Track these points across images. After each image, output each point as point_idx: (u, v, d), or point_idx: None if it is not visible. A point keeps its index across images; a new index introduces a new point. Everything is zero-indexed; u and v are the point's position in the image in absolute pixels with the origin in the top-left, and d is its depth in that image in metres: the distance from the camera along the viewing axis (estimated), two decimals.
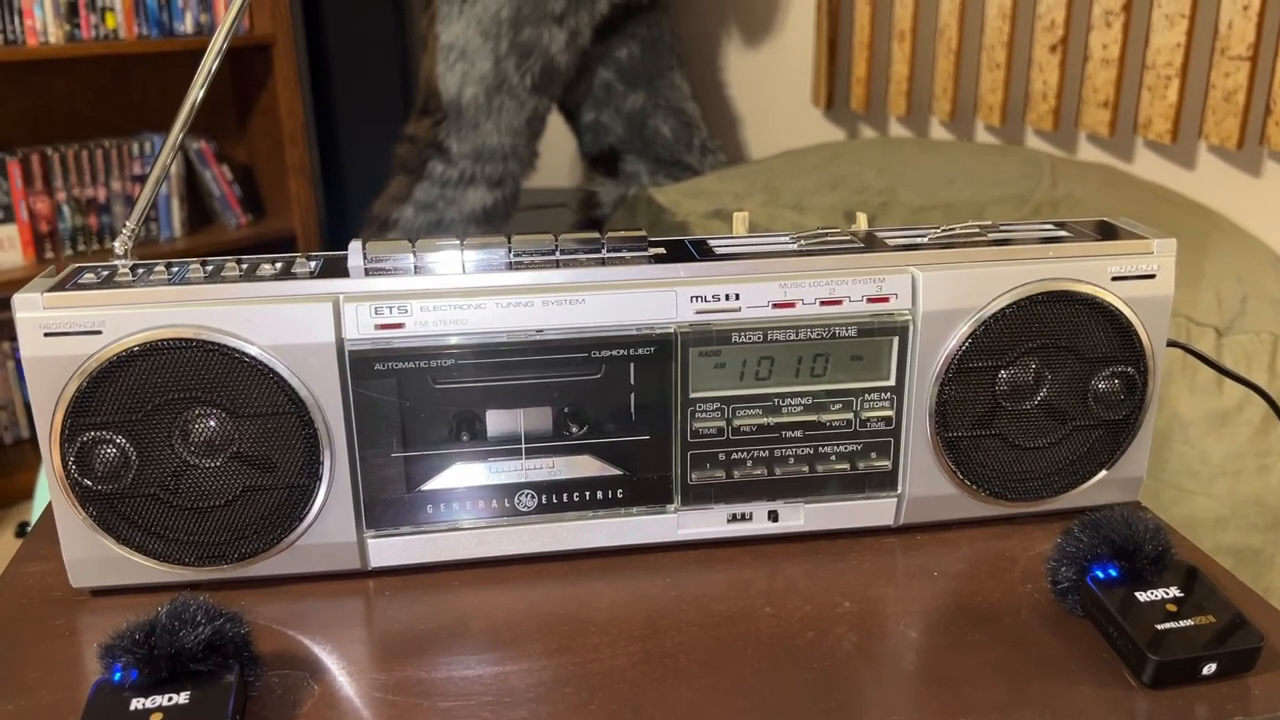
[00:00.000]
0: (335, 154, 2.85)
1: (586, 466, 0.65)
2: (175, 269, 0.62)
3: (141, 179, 2.48)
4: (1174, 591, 0.58)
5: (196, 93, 0.64)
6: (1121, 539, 0.59)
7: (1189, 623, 0.56)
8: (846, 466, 0.67)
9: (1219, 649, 0.54)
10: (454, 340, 0.61)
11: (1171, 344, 0.69)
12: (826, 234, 0.67)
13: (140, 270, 0.62)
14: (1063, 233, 0.68)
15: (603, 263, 0.63)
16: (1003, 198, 1.57)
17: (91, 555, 0.62)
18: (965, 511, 0.69)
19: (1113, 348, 0.66)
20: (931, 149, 1.86)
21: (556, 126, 2.33)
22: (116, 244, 0.64)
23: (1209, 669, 0.54)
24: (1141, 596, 0.57)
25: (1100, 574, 0.59)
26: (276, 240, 2.61)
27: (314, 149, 2.76)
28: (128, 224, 0.64)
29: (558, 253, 0.64)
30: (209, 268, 0.62)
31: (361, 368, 0.61)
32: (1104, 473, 0.69)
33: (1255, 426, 1.32)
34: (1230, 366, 0.75)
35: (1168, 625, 0.55)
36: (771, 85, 2.46)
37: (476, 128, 2.12)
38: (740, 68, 2.53)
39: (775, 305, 0.63)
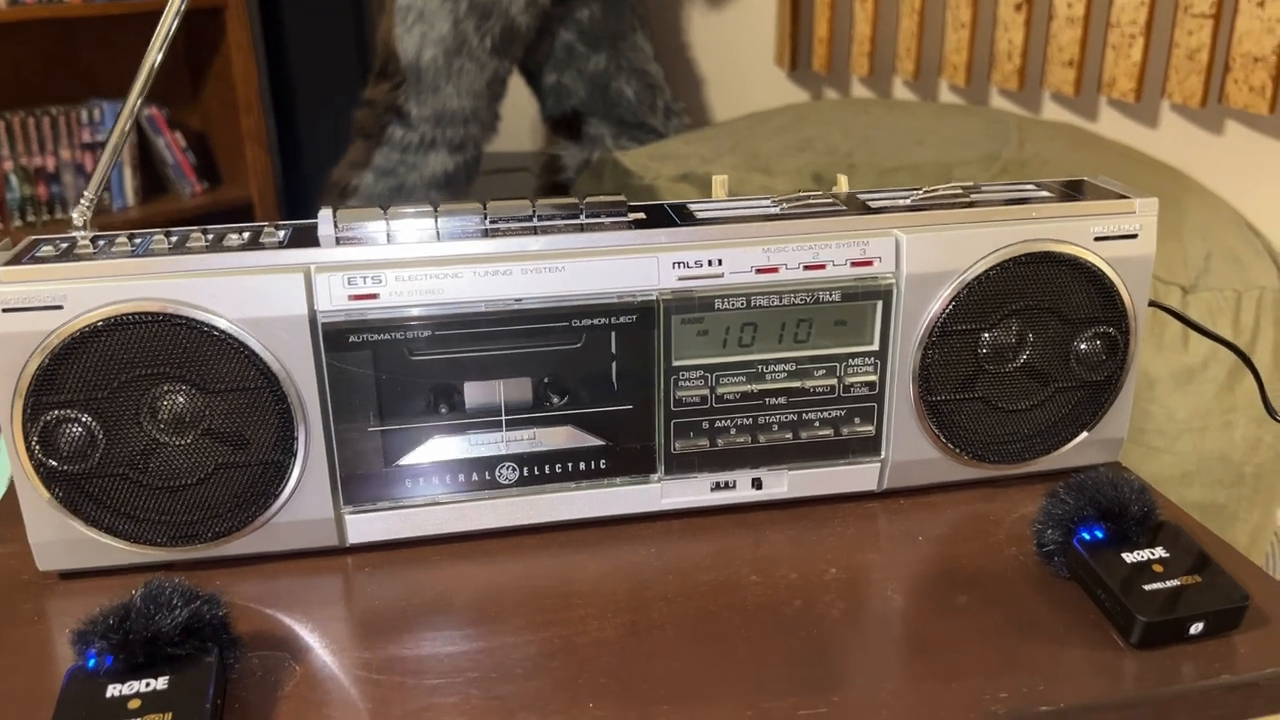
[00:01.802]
0: (291, 119, 2.79)
1: (568, 437, 0.64)
2: (138, 240, 0.60)
3: (92, 147, 2.42)
4: (1159, 552, 0.58)
5: (154, 56, 0.61)
6: (1107, 501, 0.59)
7: (1175, 583, 0.56)
8: (830, 432, 0.66)
9: (1205, 608, 0.55)
10: (430, 311, 0.59)
11: (1152, 304, 0.69)
12: (808, 197, 0.66)
13: (101, 242, 0.59)
14: (1044, 193, 0.68)
15: (581, 229, 0.62)
16: (970, 159, 1.56)
17: (59, 538, 0.60)
18: (947, 475, 0.69)
19: (1095, 308, 0.66)
20: (897, 109, 1.85)
21: (517, 89, 2.29)
22: (75, 214, 0.61)
23: (1196, 628, 0.55)
24: (1128, 558, 0.57)
25: (1086, 536, 0.59)
26: (233, 208, 2.56)
27: (269, 114, 2.70)
28: (85, 194, 0.62)
29: (535, 219, 0.62)
30: (173, 239, 0.60)
31: (335, 340, 0.59)
32: (1085, 434, 0.69)
33: (1220, 383, 1.33)
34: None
35: (1154, 586, 0.56)
36: (734, 46, 2.44)
37: (436, 91, 2.08)
38: (702, 29, 2.51)
39: (758, 270, 0.62)
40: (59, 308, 0.56)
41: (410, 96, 2.09)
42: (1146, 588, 0.55)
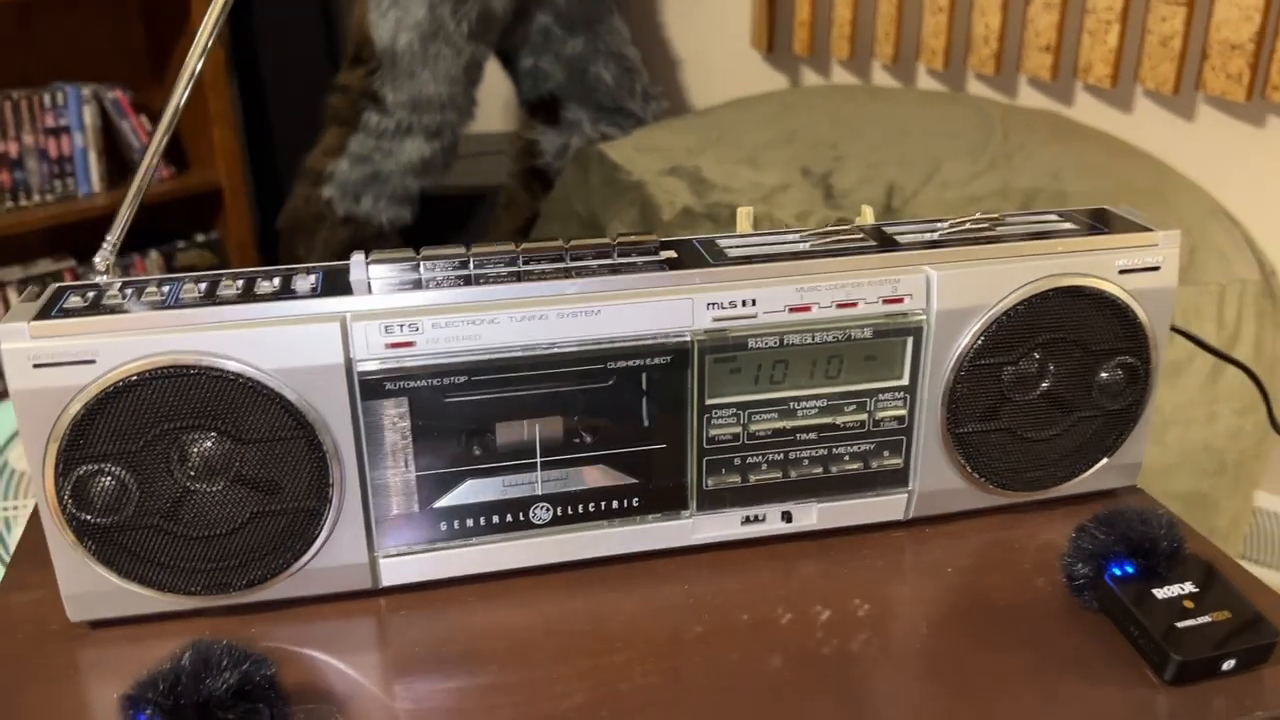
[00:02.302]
0: (260, 101, 2.73)
1: (601, 476, 0.64)
2: (167, 288, 0.59)
3: (56, 132, 2.36)
4: (1189, 587, 0.59)
5: (194, 65, 0.60)
6: (1137, 536, 0.60)
7: (1207, 619, 0.57)
8: (859, 466, 0.67)
9: (1237, 645, 0.56)
10: (467, 358, 0.59)
11: (1174, 330, 0.70)
12: (836, 231, 0.66)
13: (130, 290, 0.58)
14: (1067, 224, 0.68)
15: (614, 270, 0.62)
16: (958, 150, 1.57)
17: (91, 589, 0.59)
18: (972, 503, 0.70)
19: (1118, 339, 0.66)
20: (881, 98, 1.85)
21: (491, 71, 2.27)
22: (98, 260, 0.60)
23: (1228, 665, 0.56)
24: (1159, 594, 0.58)
25: (1117, 571, 0.60)
26: (202, 193, 2.52)
27: (236, 96, 2.64)
28: (107, 239, 0.60)
29: (567, 259, 0.62)
30: (203, 286, 0.59)
31: (372, 389, 0.58)
32: (1105, 460, 0.70)
33: (1204, 376, 1.36)
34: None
35: (1186, 623, 0.57)
36: (710, 29, 2.42)
37: (412, 76, 2.05)
38: (677, 11, 2.48)
39: (791, 309, 0.62)
40: (91, 362, 0.55)
41: (386, 82, 2.06)
42: (1179, 625, 0.57)
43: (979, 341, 0.64)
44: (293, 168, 2.28)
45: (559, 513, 0.64)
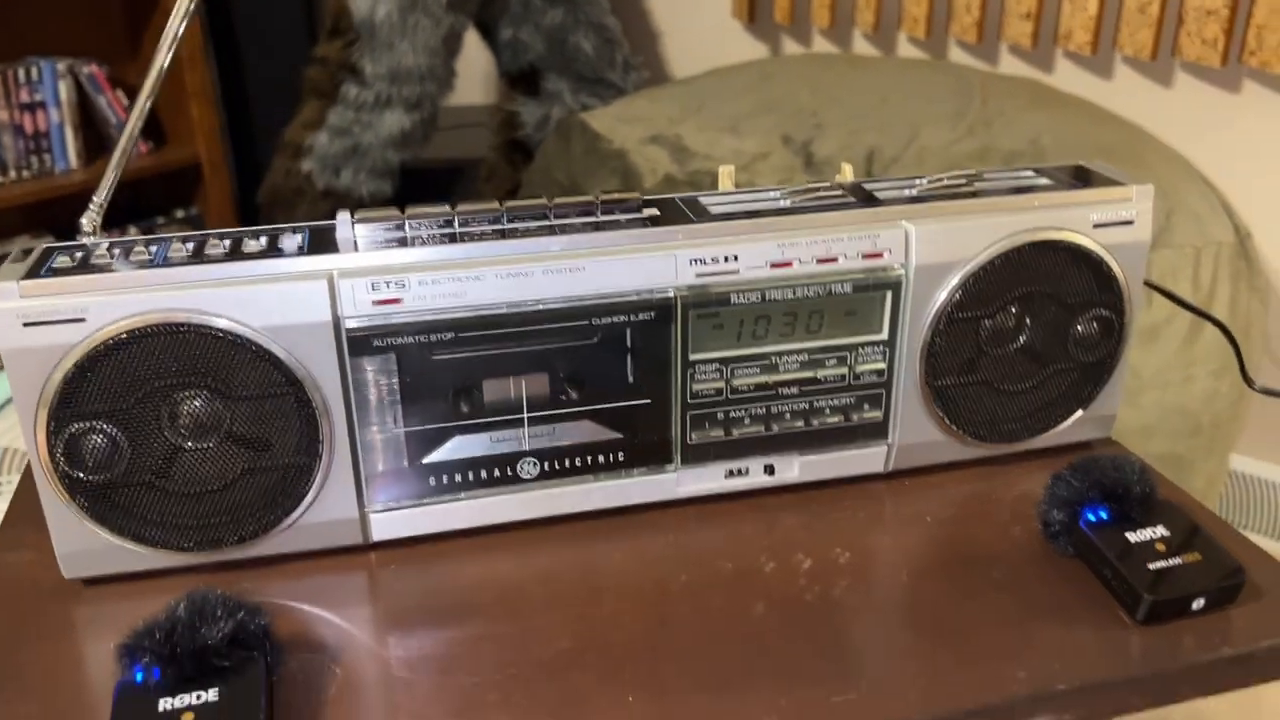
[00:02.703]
0: (238, 76, 2.71)
1: (586, 431, 0.65)
2: (155, 248, 0.59)
3: (31, 107, 2.34)
4: (1160, 530, 0.61)
5: (164, 57, 0.60)
6: (1110, 482, 0.61)
7: (1177, 560, 0.59)
8: (840, 419, 0.68)
9: (1206, 585, 0.58)
10: (453, 314, 0.60)
11: (1147, 284, 0.71)
12: (816, 188, 0.67)
13: (118, 250, 0.59)
14: (1043, 180, 0.69)
15: (598, 227, 0.62)
16: (937, 117, 1.58)
17: (84, 546, 0.60)
18: (950, 455, 0.71)
19: (1093, 293, 0.68)
20: (861, 66, 1.86)
21: (471, 43, 2.26)
22: (84, 221, 0.60)
23: (1198, 604, 0.58)
24: (1131, 537, 0.60)
25: (1091, 516, 0.61)
26: (181, 168, 2.50)
27: (214, 71, 2.62)
28: (94, 199, 0.61)
29: (551, 217, 0.63)
30: (190, 245, 0.59)
31: (360, 345, 0.59)
32: (1081, 412, 0.71)
33: (1181, 339, 1.38)
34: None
35: (1158, 564, 0.58)
36: None
37: (391, 48, 2.05)
38: None
39: (772, 265, 0.63)
40: (81, 320, 0.56)
41: (364, 54, 2.05)
42: (1151, 566, 0.58)
43: (957, 295, 0.65)
44: (272, 142, 2.27)
45: (546, 467, 0.65)
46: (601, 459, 0.66)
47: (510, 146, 2.27)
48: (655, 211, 0.64)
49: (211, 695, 0.51)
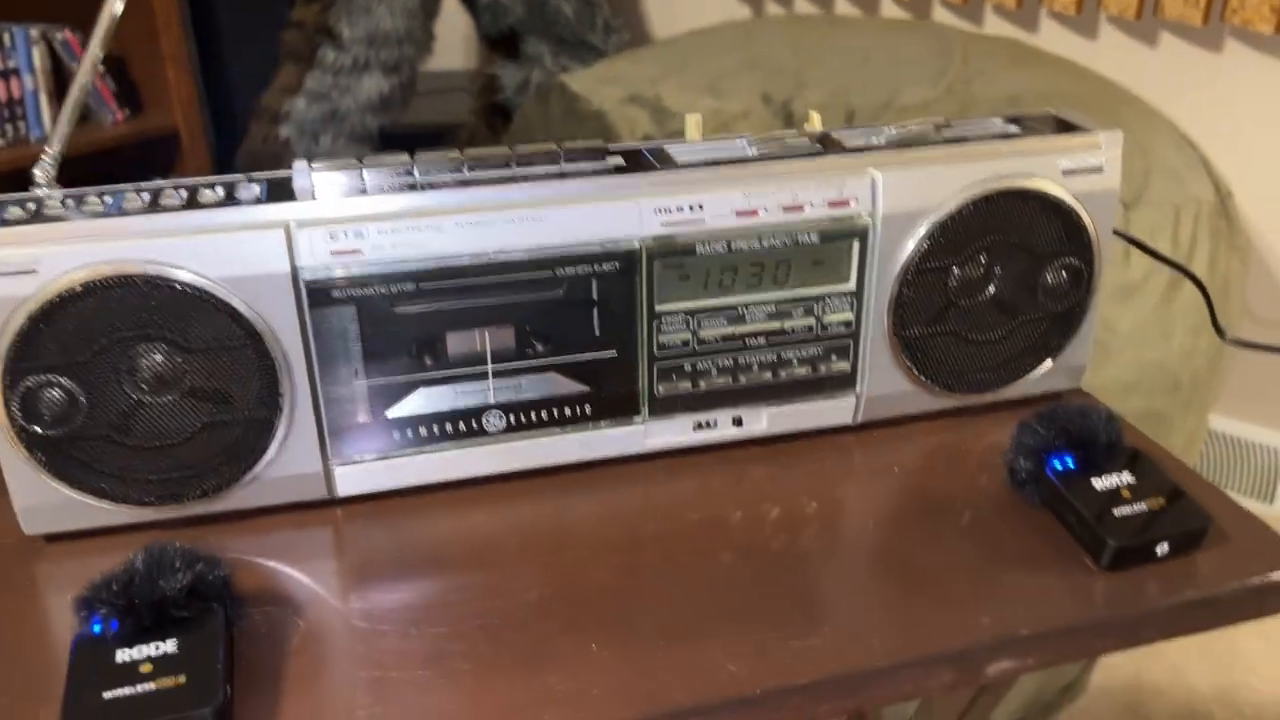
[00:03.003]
0: (215, 41, 2.68)
1: (552, 384, 0.64)
2: (109, 199, 0.58)
3: (4, 75, 2.31)
4: (1127, 477, 0.60)
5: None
6: (1077, 430, 0.61)
7: (1143, 507, 0.59)
8: (808, 370, 0.68)
9: (1171, 531, 0.58)
10: (414, 264, 0.59)
11: (1116, 233, 0.71)
12: (782, 137, 0.66)
13: (71, 201, 0.58)
14: (1013, 128, 0.69)
15: (561, 176, 0.62)
16: (917, 77, 1.57)
17: (44, 502, 0.59)
18: (919, 406, 0.71)
19: (1062, 241, 0.67)
20: (843, 27, 1.84)
21: (450, 5, 2.23)
22: (37, 171, 0.59)
23: (1162, 550, 0.58)
24: (1098, 484, 0.60)
25: (1058, 465, 0.61)
26: (159, 136, 2.47)
27: (190, 36, 2.59)
28: (47, 150, 0.60)
29: (514, 165, 0.62)
30: (146, 196, 0.59)
31: (319, 296, 0.59)
32: (1050, 362, 0.71)
33: (1159, 296, 1.38)
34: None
35: (1124, 511, 0.58)
36: None
37: (368, 11, 2.02)
38: None
39: (738, 214, 0.63)
40: (33, 272, 0.55)
41: (341, 17, 2.02)
42: (1116, 513, 0.58)
43: (925, 245, 0.65)
44: (251, 109, 2.25)
45: (512, 420, 0.64)
46: (568, 412, 0.65)
47: (490, 110, 2.25)
48: (620, 161, 0.64)
49: (170, 646, 0.50)
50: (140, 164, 2.54)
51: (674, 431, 0.68)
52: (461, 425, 0.64)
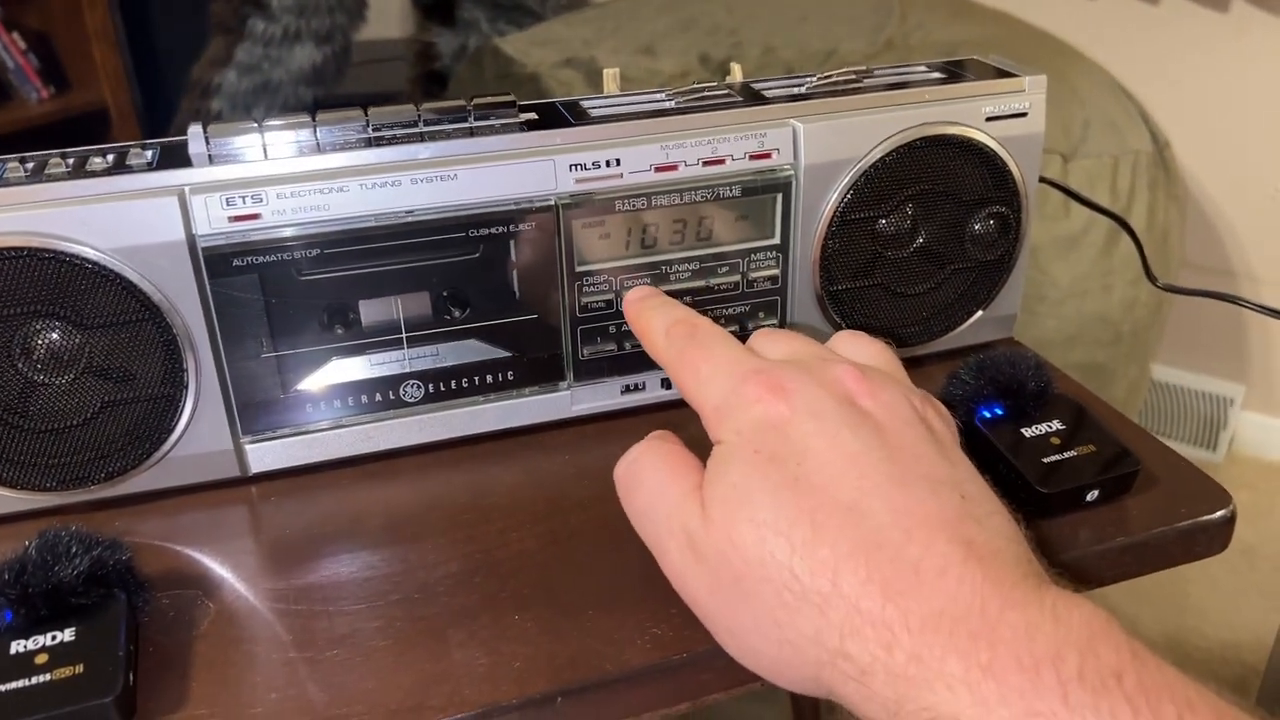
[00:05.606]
0: (143, 15, 2.60)
1: (472, 351, 0.62)
2: None
3: None
4: (1056, 425, 0.60)
5: None
6: (1005, 379, 0.60)
7: (1072, 453, 0.58)
8: (735, 328, 0.66)
9: (1100, 476, 0.57)
10: (317, 228, 0.57)
11: (1043, 180, 0.70)
12: (702, 88, 0.64)
13: None
14: (935, 75, 0.67)
15: (471, 133, 0.59)
16: (855, 33, 1.55)
17: None
18: None
19: (988, 189, 0.66)
20: None
21: None
22: None
23: (1092, 496, 0.57)
24: (1026, 432, 0.59)
25: (987, 414, 0.60)
26: (87, 113, 2.41)
27: (116, 11, 2.51)
28: None
29: (421, 124, 0.60)
30: (29, 165, 0.56)
31: (218, 265, 0.56)
32: (980, 312, 0.70)
33: (1099, 248, 1.38)
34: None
35: (1053, 458, 0.58)
36: None
37: None
38: None
39: (657, 169, 0.61)
40: None
41: None
42: (1045, 460, 0.58)
43: (848, 196, 0.63)
44: (182, 84, 2.19)
45: (431, 390, 0.62)
46: (490, 379, 0.63)
47: (427, 79, 2.21)
48: (533, 116, 0.61)
49: (68, 635, 0.48)
50: (69, 143, 2.47)
51: (601, 396, 0.66)
52: (378, 396, 0.62)
